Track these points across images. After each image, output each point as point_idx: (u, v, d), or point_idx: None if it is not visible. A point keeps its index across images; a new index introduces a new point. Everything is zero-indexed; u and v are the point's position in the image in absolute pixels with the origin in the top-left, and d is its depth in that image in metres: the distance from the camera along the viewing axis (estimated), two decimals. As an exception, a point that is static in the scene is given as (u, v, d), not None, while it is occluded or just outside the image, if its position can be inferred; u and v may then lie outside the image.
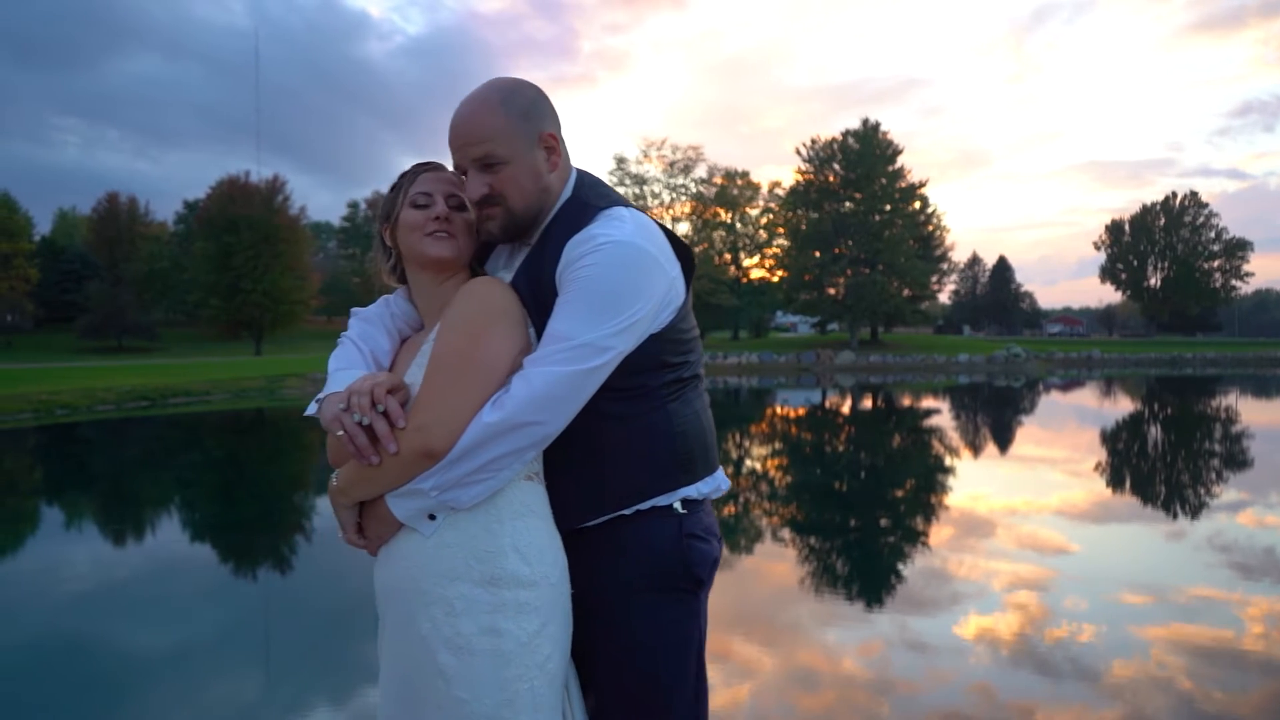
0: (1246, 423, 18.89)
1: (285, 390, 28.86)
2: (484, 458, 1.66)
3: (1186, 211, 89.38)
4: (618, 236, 1.74)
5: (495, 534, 1.71)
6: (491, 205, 1.83)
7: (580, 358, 1.68)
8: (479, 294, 1.77)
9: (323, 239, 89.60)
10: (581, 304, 1.71)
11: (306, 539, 8.32)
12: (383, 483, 1.71)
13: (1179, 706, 4.09)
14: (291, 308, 63.05)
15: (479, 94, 1.84)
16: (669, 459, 1.85)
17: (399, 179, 1.95)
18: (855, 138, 57.63)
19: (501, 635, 1.67)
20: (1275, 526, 8.06)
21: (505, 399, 1.67)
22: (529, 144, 1.83)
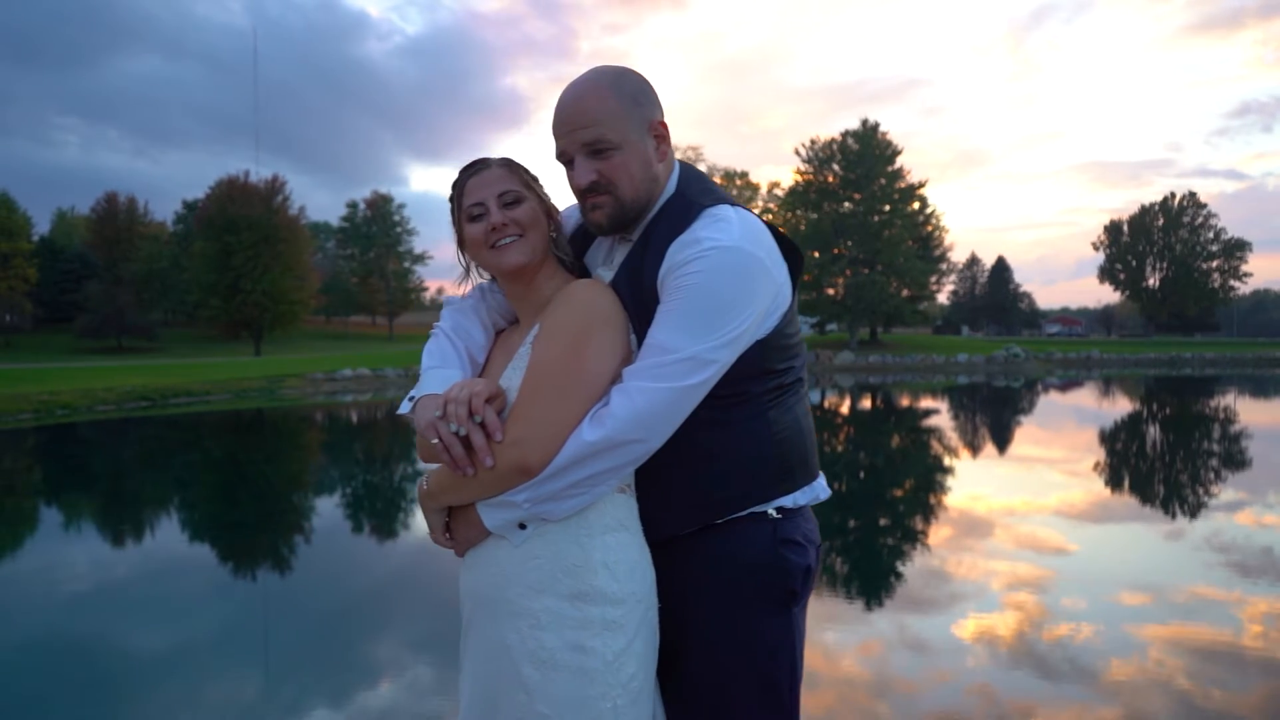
0: (1245, 423, 18.91)
1: (285, 390, 28.88)
2: (580, 475, 1.61)
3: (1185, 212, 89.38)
4: (724, 241, 1.65)
5: (585, 548, 1.66)
6: (600, 194, 1.75)
7: (683, 373, 1.61)
8: (581, 301, 1.69)
9: (321, 239, 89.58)
10: (685, 315, 1.63)
11: (306, 540, 8.33)
12: (474, 492, 1.67)
13: (1177, 706, 4.10)
14: (291, 308, 63.04)
15: (587, 78, 1.77)
16: (767, 467, 1.76)
17: (451, 191, 1.87)
18: (855, 138, 57.62)
19: (587, 653, 1.62)
20: (1273, 526, 8.08)
21: (606, 416, 1.61)
22: (640, 130, 1.75)
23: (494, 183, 1.79)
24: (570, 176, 1.78)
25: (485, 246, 1.79)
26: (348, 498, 10.82)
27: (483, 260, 1.83)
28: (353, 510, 9.96)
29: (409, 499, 10.48)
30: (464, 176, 1.83)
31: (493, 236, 1.77)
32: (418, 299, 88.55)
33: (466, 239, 1.83)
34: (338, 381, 32.42)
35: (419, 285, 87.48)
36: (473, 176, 1.82)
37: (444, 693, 4.41)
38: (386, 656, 5.00)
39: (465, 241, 1.85)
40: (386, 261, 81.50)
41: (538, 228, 1.80)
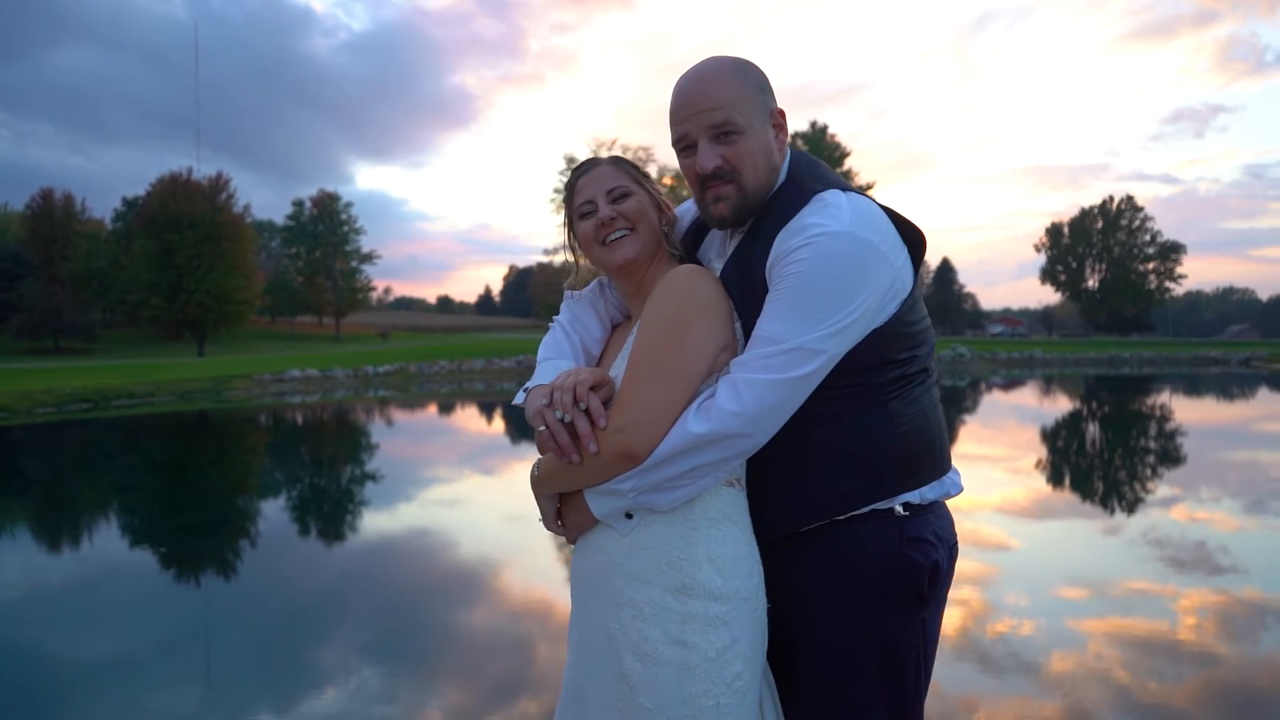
0: (1180, 421, 19.42)
1: (232, 392, 28.35)
2: (685, 465, 1.59)
3: (1123, 215, 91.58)
4: (833, 227, 1.59)
5: (690, 541, 1.65)
6: (723, 182, 1.70)
7: (790, 364, 1.56)
8: (678, 286, 1.68)
9: (266, 238, 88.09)
10: (792, 303, 1.58)
11: (252, 544, 8.20)
12: (581, 479, 1.68)
13: (1115, 699, 4.21)
14: (236, 308, 61.90)
15: (709, 64, 1.73)
16: (888, 463, 1.68)
17: (564, 192, 1.90)
18: (804, 140, 58.17)
19: (688, 648, 1.61)
20: (1205, 521, 8.32)
21: (712, 410, 1.58)
22: (763, 117, 1.72)
23: (602, 179, 1.82)
24: (689, 164, 1.73)
25: (596, 242, 1.82)
26: (295, 501, 10.68)
27: (595, 257, 1.85)
28: (300, 514, 9.82)
29: (358, 501, 10.37)
30: (574, 176, 1.87)
31: (602, 232, 1.80)
32: (365, 299, 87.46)
33: (579, 237, 1.86)
34: (286, 382, 31.90)
35: (367, 285, 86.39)
36: (582, 176, 1.85)
37: (392, 700, 4.38)
38: (333, 663, 4.95)
39: (578, 239, 1.88)
40: (333, 261, 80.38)
41: (646, 221, 1.82)
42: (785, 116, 1.78)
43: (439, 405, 25.01)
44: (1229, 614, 5.52)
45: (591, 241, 1.82)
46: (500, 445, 16.63)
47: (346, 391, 29.56)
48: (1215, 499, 9.57)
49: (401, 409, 24.22)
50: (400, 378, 35.68)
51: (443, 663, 4.90)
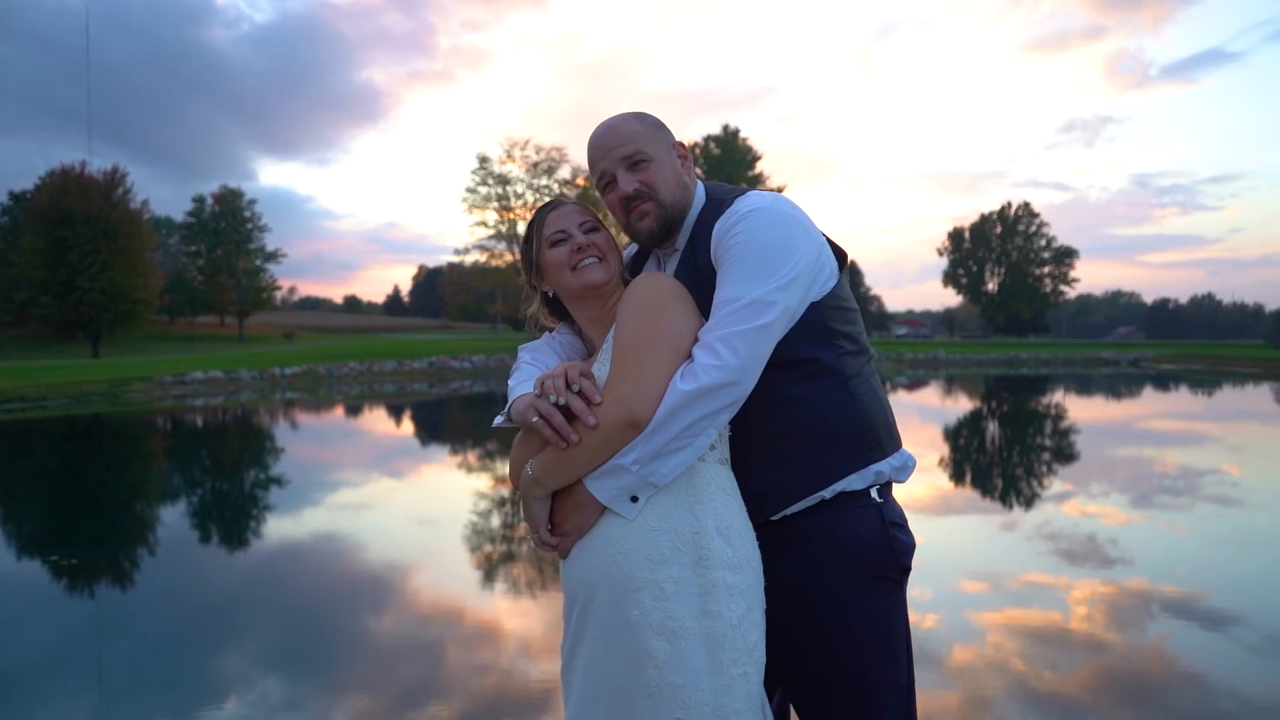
0: (1074, 419, 20.20)
1: (131, 395, 27.30)
2: (681, 424, 1.69)
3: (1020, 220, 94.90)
4: (759, 204, 1.86)
5: (698, 515, 1.73)
6: (644, 201, 1.95)
7: (752, 314, 1.74)
8: (648, 281, 1.84)
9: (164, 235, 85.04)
10: (741, 266, 1.79)
11: (150, 552, 7.93)
12: (583, 462, 1.72)
13: (1013, 688, 4.37)
14: (133, 307, 59.54)
15: (614, 117, 2.02)
16: (856, 436, 1.87)
17: (528, 229, 2.05)
18: (717, 143, 58.74)
19: (714, 617, 1.67)
20: (1096, 515, 8.68)
21: (695, 368, 1.72)
22: (666, 149, 2.00)
23: (573, 214, 2.00)
24: (613, 198, 1.99)
25: (568, 268, 1.94)
26: (197, 507, 10.35)
27: (564, 282, 1.97)
28: (202, 520, 9.52)
29: (263, 506, 10.11)
30: (543, 212, 2.03)
31: (576, 258, 1.93)
32: (270, 298, 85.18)
33: (547, 264, 1.99)
34: (188, 385, 30.85)
35: (271, 284, 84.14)
36: (552, 210, 2.02)
37: (297, 708, 4.29)
38: (234, 673, 4.82)
39: (545, 267, 2.00)
40: (236, 259, 78.08)
41: (615, 252, 2.00)
42: (686, 148, 2.07)
43: (350, 407, 24.52)
44: (1118, 604, 5.77)
45: (563, 267, 1.95)
46: (410, 448, 16.39)
47: (253, 394, 28.75)
48: (1105, 494, 9.99)
49: (311, 411, 23.67)
50: (309, 379, 34.87)
51: (349, 670, 4.81)
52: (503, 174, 60.76)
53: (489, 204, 60.73)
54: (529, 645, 5.10)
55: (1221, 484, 10.59)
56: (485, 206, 60.80)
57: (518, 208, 60.92)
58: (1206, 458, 13.50)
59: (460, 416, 23.28)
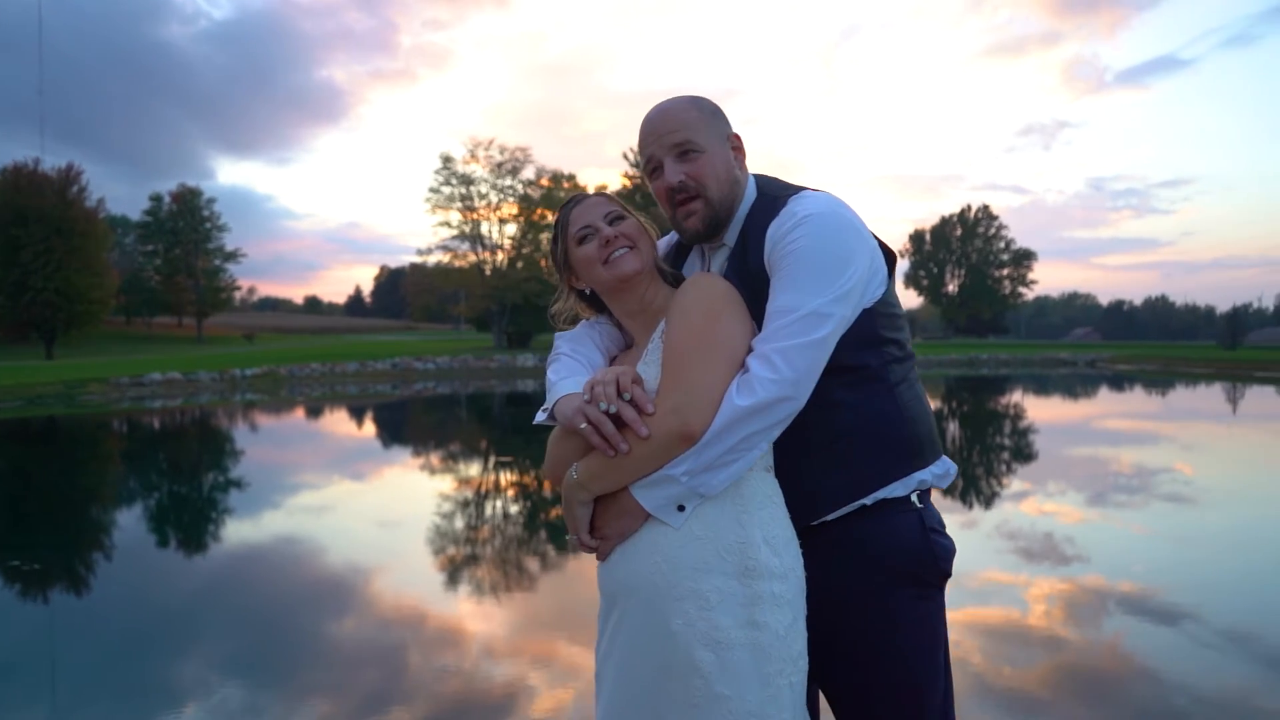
0: (1033, 418, 20.50)
1: (87, 396, 26.81)
2: (734, 439, 1.66)
3: (980, 223, 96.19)
4: (817, 209, 1.80)
5: (744, 525, 1.69)
6: (691, 198, 1.89)
7: (809, 328, 1.70)
8: (703, 283, 1.79)
9: (119, 234, 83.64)
10: (799, 275, 1.74)
11: (106, 557, 7.80)
12: (632, 471, 1.68)
13: (972, 684, 4.41)
14: (88, 307, 58.52)
15: (669, 99, 1.96)
16: (902, 444, 1.85)
17: (554, 229, 1.99)
18: (679, 144, 58.84)
19: (760, 628, 1.64)
20: (1054, 514, 8.81)
21: (751, 381, 1.67)
22: (720, 139, 1.92)
23: (596, 206, 1.93)
24: (659, 185, 1.93)
25: (599, 263, 1.88)
26: (154, 510, 10.19)
27: (597, 277, 1.90)
28: (159, 525, 9.38)
29: (222, 509, 9.98)
30: (566, 209, 1.97)
31: (605, 251, 1.87)
32: (229, 299, 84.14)
33: (578, 260, 1.92)
34: (145, 386, 30.37)
35: (230, 284, 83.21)
36: (575, 206, 1.96)
37: (257, 714, 4.24)
38: (192, 679, 4.75)
39: (576, 263, 1.93)
40: (195, 259, 77.03)
41: (645, 238, 1.92)
42: (742, 140, 1.99)
43: (312, 409, 24.27)
44: (1075, 601, 5.86)
45: (594, 262, 1.88)
46: (373, 450, 16.27)
47: (212, 395, 28.36)
48: (1062, 492, 10.15)
49: (272, 413, 23.40)
50: (270, 381, 34.47)
51: (310, 675, 4.76)
52: (466, 174, 60.43)
53: (452, 204, 60.37)
54: (492, 648, 5.08)
55: (1175, 482, 10.80)
56: (449, 207, 60.43)
57: (481, 208, 60.64)
58: (1161, 456, 13.76)
59: (424, 418, 23.14)
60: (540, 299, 57.76)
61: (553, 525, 8.91)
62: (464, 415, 23.61)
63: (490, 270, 60.02)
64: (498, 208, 61.07)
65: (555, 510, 9.71)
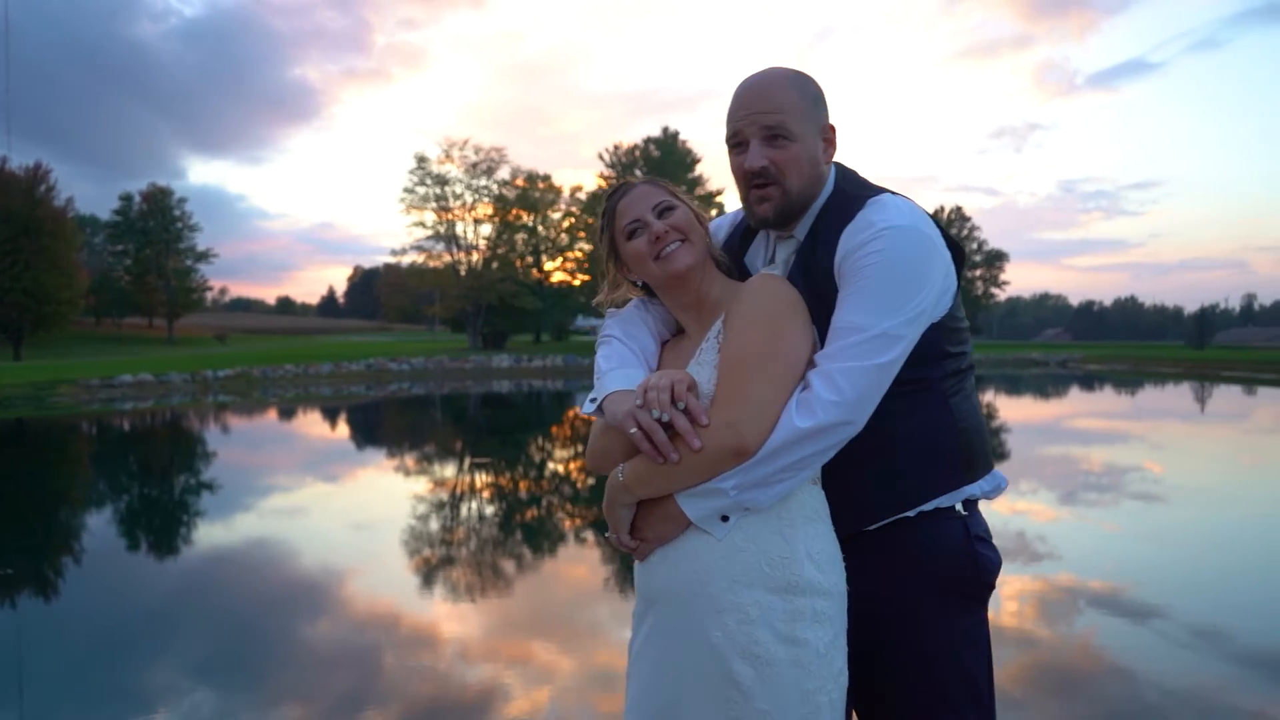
0: (1006, 418, 20.64)
1: (57, 398, 26.45)
2: (789, 459, 1.60)
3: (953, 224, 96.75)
4: (898, 222, 1.70)
5: (789, 539, 1.65)
6: (768, 184, 1.78)
7: (878, 350, 1.63)
8: (771, 290, 1.71)
9: (88, 234, 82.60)
10: (871, 293, 1.66)
11: (77, 561, 7.70)
12: (679, 481, 1.64)
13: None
14: (57, 308, 57.68)
15: (773, 71, 1.81)
16: (953, 456, 1.78)
17: (600, 218, 1.91)
18: (656, 145, 58.87)
19: (800, 645, 1.60)
20: (1026, 512, 8.89)
21: (813, 402, 1.61)
22: (815, 129, 1.80)
23: (645, 197, 1.83)
24: (739, 160, 1.81)
25: (650, 259, 1.80)
26: (125, 514, 10.07)
27: (649, 273, 1.83)
28: (130, 528, 9.28)
29: (195, 512, 9.88)
30: (613, 201, 1.87)
31: (655, 247, 1.79)
32: (200, 299, 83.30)
33: (628, 256, 1.85)
34: (116, 388, 29.97)
35: (202, 285, 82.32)
36: (623, 198, 1.86)
37: (228, 716, 4.20)
38: (163, 684, 4.71)
39: (625, 259, 1.86)
40: (165, 259, 76.20)
41: (696, 231, 1.82)
42: (836, 133, 1.86)
43: (285, 411, 24.09)
44: (1047, 598, 5.91)
45: (645, 258, 1.81)
46: (347, 452, 16.16)
47: (184, 397, 28.06)
48: (1034, 491, 10.24)
49: (245, 415, 23.21)
50: (242, 382, 34.15)
51: (284, 678, 4.73)
52: (441, 174, 60.12)
53: (427, 204, 60.03)
54: (467, 649, 5.06)
55: (1145, 480, 10.93)
56: (423, 207, 60.08)
57: (456, 208, 60.34)
58: (1132, 455, 13.92)
59: (399, 419, 23.03)
60: (515, 300, 57.65)
61: (528, 527, 8.89)
62: (439, 416, 23.51)
63: (465, 271, 59.76)
64: (473, 208, 60.81)
65: (530, 512, 9.70)
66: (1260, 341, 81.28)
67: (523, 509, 9.84)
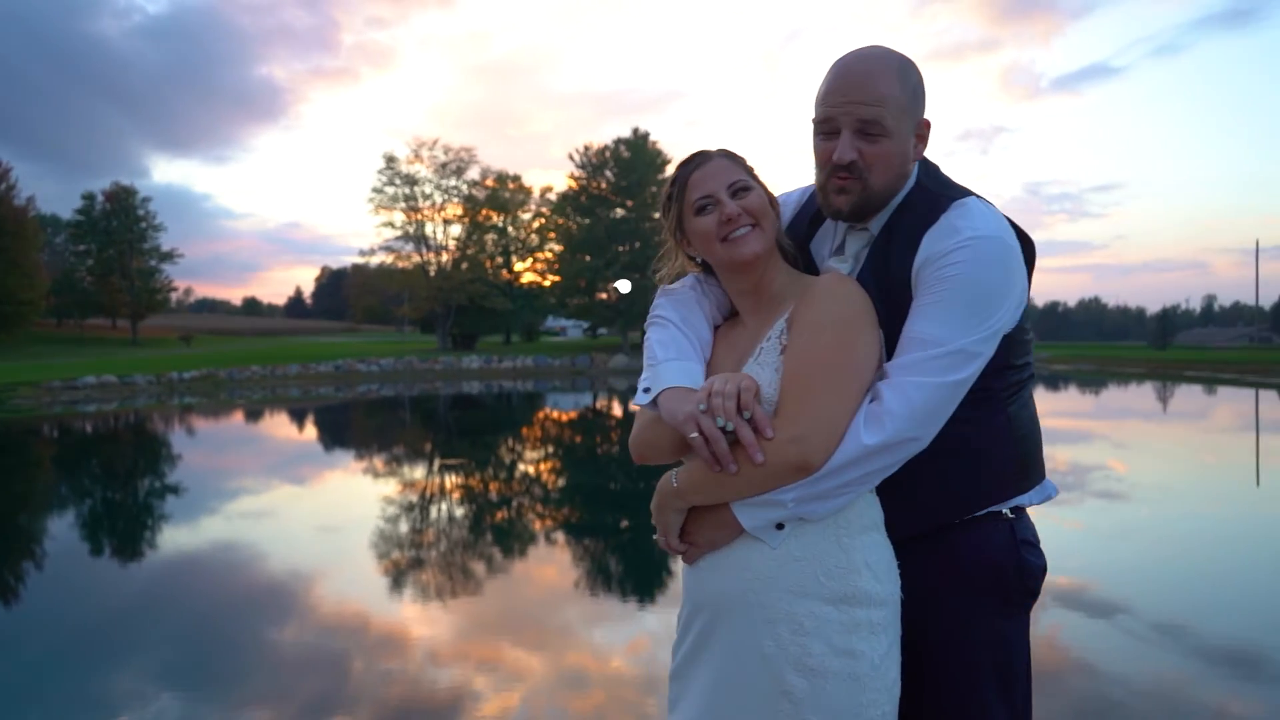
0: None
1: (18, 400, 26.01)
2: (854, 475, 1.56)
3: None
4: (985, 231, 1.64)
5: (846, 549, 1.60)
6: (851, 176, 1.68)
7: (954, 366, 1.58)
8: (843, 295, 1.64)
9: (50, 234, 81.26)
10: (951, 306, 1.59)
11: (38, 566, 7.58)
12: (737, 491, 1.58)
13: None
14: (17, 309, 56.74)
15: (878, 56, 1.70)
16: (1009, 465, 1.73)
17: (670, 186, 1.79)
18: (626, 146, 58.82)
19: (856, 657, 1.56)
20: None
21: (884, 417, 1.55)
22: (910, 126, 1.71)
23: (720, 173, 1.73)
24: (826, 146, 1.71)
25: (717, 239, 1.71)
26: (88, 518, 9.93)
27: (714, 254, 1.74)
28: (93, 532, 9.15)
29: (160, 515, 9.76)
30: (686, 170, 1.76)
31: (727, 228, 1.69)
32: (165, 300, 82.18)
33: (694, 232, 1.75)
34: (79, 390, 29.53)
35: (167, 285, 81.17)
36: (697, 169, 1.75)
37: (197, 722, 4.15)
38: (127, 690, 4.64)
39: (692, 234, 1.76)
40: (129, 259, 75.13)
41: (769, 217, 1.74)
42: (930, 128, 1.77)
43: (252, 412, 23.84)
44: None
45: (713, 238, 1.71)
46: (315, 453, 16.03)
47: (148, 399, 27.71)
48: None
49: (211, 417, 22.94)
50: (209, 384, 33.79)
51: (251, 682, 4.68)
52: (410, 174, 59.76)
53: (396, 204, 59.63)
54: (437, 652, 5.03)
55: (1108, 479, 11.07)
56: (392, 207, 59.69)
57: (425, 208, 60.00)
58: (1096, 453, 14.08)
59: (368, 421, 22.87)
60: (485, 300, 57.44)
61: (497, 528, 8.86)
62: (408, 418, 23.37)
63: (435, 271, 59.44)
64: (442, 208, 60.48)
65: (500, 513, 9.67)
66: (1221, 342, 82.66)
67: (492, 510, 9.80)
